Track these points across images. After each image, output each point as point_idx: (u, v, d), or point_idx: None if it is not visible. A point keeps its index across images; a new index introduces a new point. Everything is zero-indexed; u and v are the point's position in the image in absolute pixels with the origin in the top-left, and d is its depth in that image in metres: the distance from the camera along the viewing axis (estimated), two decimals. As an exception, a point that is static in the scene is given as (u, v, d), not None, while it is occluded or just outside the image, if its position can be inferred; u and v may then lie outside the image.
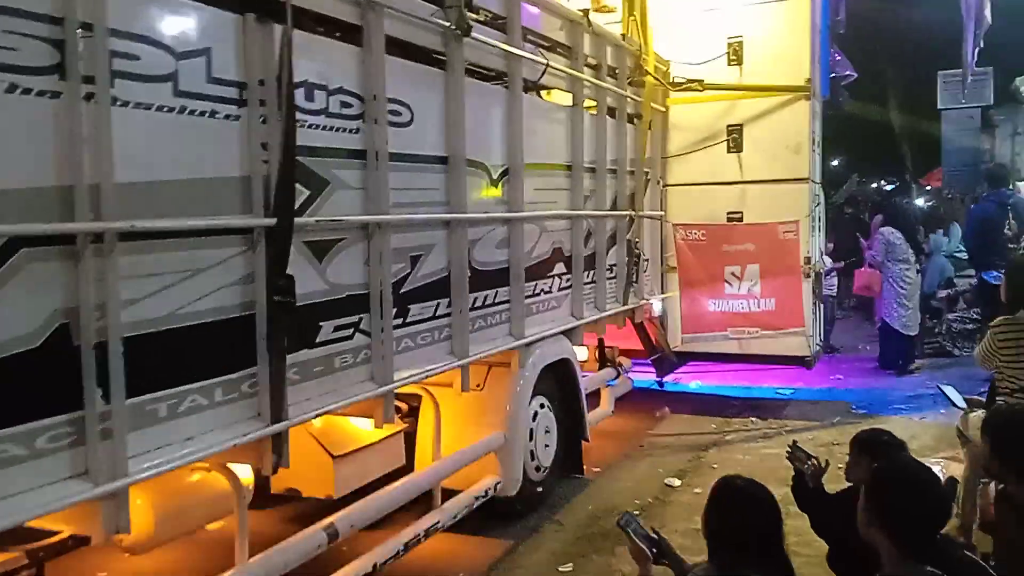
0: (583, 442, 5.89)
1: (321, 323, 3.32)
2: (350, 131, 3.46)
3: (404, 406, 4.75)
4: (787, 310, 7.01)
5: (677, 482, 5.88)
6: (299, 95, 3.15)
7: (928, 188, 23.61)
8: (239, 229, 2.91)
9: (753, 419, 7.46)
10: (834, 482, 3.61)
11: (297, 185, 3.15)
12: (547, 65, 5.07)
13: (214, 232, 2.81)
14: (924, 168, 24.49)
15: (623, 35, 6.41)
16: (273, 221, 2.95)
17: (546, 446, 5.41)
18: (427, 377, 3.99)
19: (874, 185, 25.67)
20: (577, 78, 5.57)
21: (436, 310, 4.12)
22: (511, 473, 4.90)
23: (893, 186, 24.58)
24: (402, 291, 3.84)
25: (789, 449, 3.70)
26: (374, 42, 3.53)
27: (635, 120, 6.79)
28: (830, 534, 3.42)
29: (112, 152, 2.39)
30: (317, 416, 3.21)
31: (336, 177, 3.38)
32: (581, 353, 6.83)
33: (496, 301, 4.71)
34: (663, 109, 7.44)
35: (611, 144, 6.25)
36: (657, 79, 6.89)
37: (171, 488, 3.08)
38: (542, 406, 5.37)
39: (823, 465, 3.56)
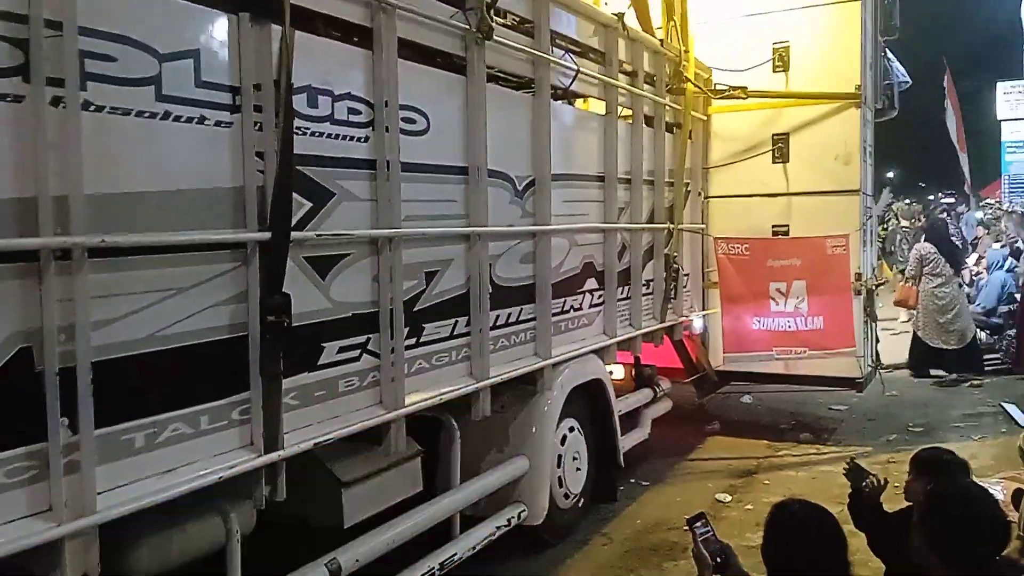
0: (618, 466, 5.61)
1: (324, 344, 3.11)
2: (358, 139, 3.25)
3: (426, 426, 4.53)
4: (837, 329, 6.62)
5: (728, 498, 5.76)
6: (301, 101, 2.97)
7: (988, 200, 22.82)
8: (230, 244, 2.71)
9: (805, 435, 7.26)
10: (891, 501, 3.50)
11: (298, 197, 2.95)
12: (578, 71, 4.83)
13: (202, 247, 2.61)
14: (984, 180, 23.68)
15: (661, 40, 6.13)
16: (268, 235, 2.75)
17: (576, 470, 5.14)
18: (442, 400, 3.75)
19: (931, 197, 24.88)
20: (611, 85, 5.31)
21: (454, 329, 3.89)
22: (536, 501, 4.63)
23: (952, 198, 23.78)
24: (415, 309, 3.61)
25: (847, 466, 3.60)
26: (385, 45, 3.32)
27: (674, 129, 6.51)
28: (888, 554, 3.29)
29: (81, 161, 2.21)
30: (317, 445, 2.99)
31: (342, 188, 3.17)
32: (617, 372, 6.59)
33: (520, 319, 4.45)
34: (704, 118, 7.13)
35: (648, 154, 5.97)
36: (698, 86, 6.59)
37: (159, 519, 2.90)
38: (572, 429, 5.10)
39: (882, 483, 3.45)
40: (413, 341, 3.60)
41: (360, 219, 3.26)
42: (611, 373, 6.59)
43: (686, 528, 2.72)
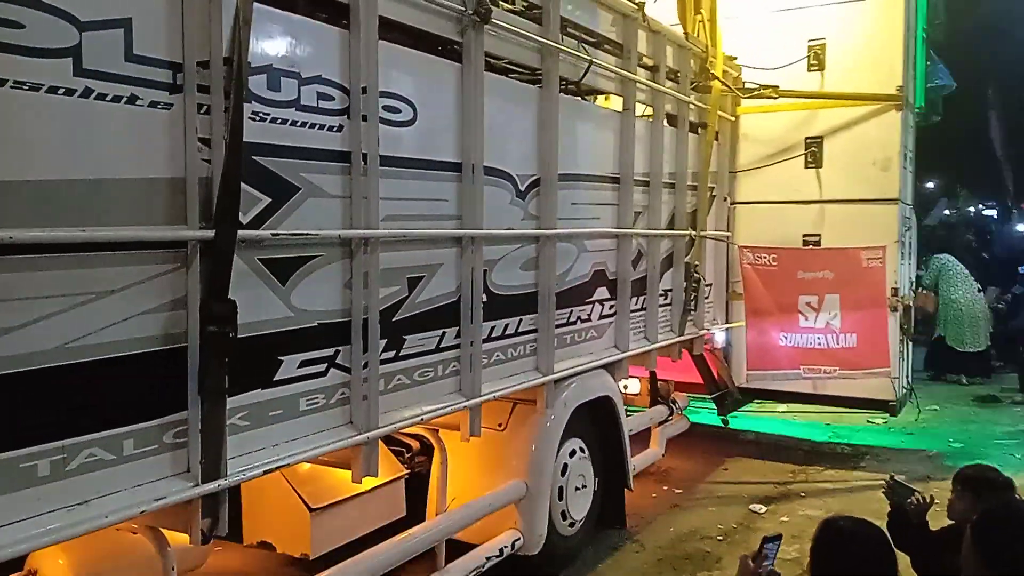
0: (627, 489, 5.22)
1: (282, 357, 2.76)
2: (330, 128, 2.90)
3: (416, 444, 4.19)
4: (870, 348, 6.15)
5: (762, 508, 5.68)
6: (259, 82, 2.63)
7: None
8: (166, 242, 2.37)
9: (843, 448, 7.18)
10: (931, 519, 3.41)
11: (254, 191, 2.62)
12: (591, 62, 4.45)
13: (129, 246, 2.28)
14: (1029, 192, 22.79)
15: (687, 34, 5.73)
16: (211, 233, 2.41)
17: (581, 494, 4.75)
18: (424, 420, 3.39)
19: (971, 209, 24.00)
20: (629, 80, 4.92)
21: (440, 341, 3.52)
22: (534, 528, 4.25)
23: (993, 211, 22.91)
24: (395, 319, 3.26)
25: (887, 484, 3.51)
26: (364, 25, 2.96)
27: (699, 129, 6.10)
28: (932, 574, 3.17)
29: (-27, 142, 1.88)
30: (267, 471, 2.64)
31: (308, 183, 2.82)
32: (632, 386, 6.22)
33: (519, 331, 4.08)
34: (732, 118, 6.71)
35: (669, 155, 5.58)
36: (725, 84, 6.18)
37: (97, 550, 2.59)
38: (577, 450, 4.71)
39: (928, 500, 3.36)
40: (392, 354, 3.24)
41: (330, 217, 2.91)
42: (625, 388, 6.23)
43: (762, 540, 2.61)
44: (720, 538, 5.17)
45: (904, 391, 6.73)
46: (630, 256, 5.08)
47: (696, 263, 5.88)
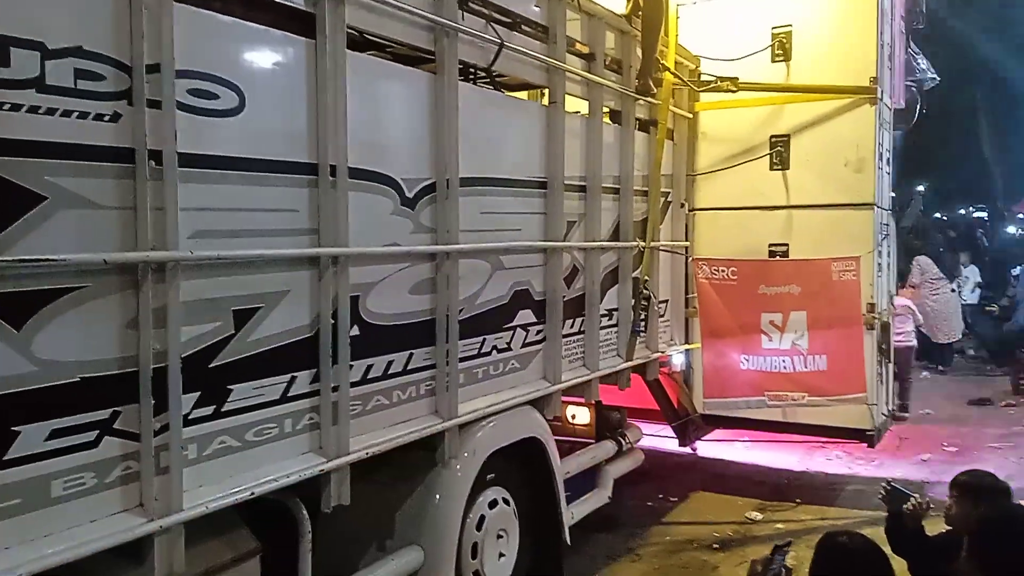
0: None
1: (18, 427, 2.03)
2: (98, 117, 2.18)
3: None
4: (844, 371, 5.44)
5: (758, 516, 5.73)
6: (-32, 54, 1.91)
7: (1021, 216, 21.43)
8: None
9: (838, 453, 7.15)
10: (928, 524, 3.43)
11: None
12: (501, 45, 3.74)
13: None
14: (1017, 194, 22.24)
15: (628, 17, 5.03)
16: None
17: (501, 556, 4.03)
18: (257, 494, 2.65)
19: (962, 211, 23.44)
20: (555, 68, 4.22)
21: (288, 388, 2.80)
22: (434, 604, 3.53)
23: (983, 213, 22.38)
24: (214, 364, 2.53)
25: (883, 490, 3.52)
26: (152, -18, 2.26)
27: (651, 128, 5.41)
28: None
29: None
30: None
31: (60, 190, 2.10)
32: (582, 415, 5.52)
33: (409, 368, 3.36)
34: (689, 115, 6.02)
35: (611, 156, 4.89)
36: (679, 77, 5.49)
37: None
38: (497, 502, 4.00)
39: (925, 505, 3.35)
40: (209, 411, 2.51)
41: (99, 235, 2.19)
42: (573, 418, 5.54)
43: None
44: (716, 547, 5.22)
45: (884, 418, 6.03)
46: (561, 272, 4.38)
47: (646, 278, 5.18)
